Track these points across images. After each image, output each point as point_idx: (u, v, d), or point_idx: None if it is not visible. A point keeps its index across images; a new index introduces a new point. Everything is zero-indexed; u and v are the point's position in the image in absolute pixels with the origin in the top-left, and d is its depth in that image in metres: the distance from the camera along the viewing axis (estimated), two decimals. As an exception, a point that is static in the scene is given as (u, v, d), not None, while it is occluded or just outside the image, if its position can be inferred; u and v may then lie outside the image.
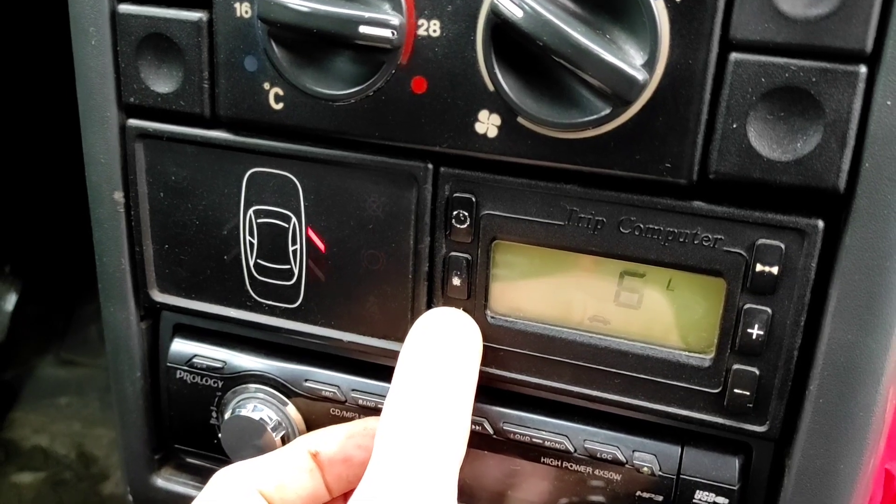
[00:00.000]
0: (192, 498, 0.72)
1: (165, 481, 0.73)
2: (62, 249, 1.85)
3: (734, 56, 0.47)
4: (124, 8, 0.59)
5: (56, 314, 1.94)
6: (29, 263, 1.90)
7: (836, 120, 0.46)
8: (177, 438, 0.70)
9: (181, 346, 0.67)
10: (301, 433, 0.64)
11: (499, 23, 0.48)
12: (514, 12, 0.47)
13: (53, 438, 1.93)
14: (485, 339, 0.58)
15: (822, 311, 0.50)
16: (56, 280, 1.94)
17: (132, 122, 0.61)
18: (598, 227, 0.53)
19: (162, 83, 0.59)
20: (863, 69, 0.45)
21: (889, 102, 0.45)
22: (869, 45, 0.44)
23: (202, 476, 0.73)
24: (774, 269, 0.50)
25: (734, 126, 0.47)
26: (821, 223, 0.49)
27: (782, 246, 0.49)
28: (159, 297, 0.66)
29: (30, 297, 1.87)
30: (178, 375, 0.67)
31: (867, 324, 0.49)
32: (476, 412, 0.60)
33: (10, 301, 1.81)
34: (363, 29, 0.51)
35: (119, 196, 0.64)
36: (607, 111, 0.48)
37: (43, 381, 1.96)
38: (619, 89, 0.47)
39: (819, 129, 0.46)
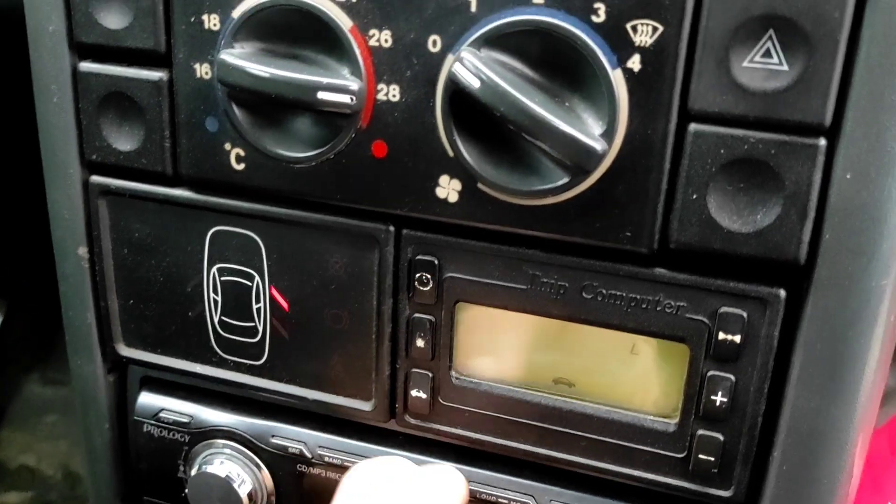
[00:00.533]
0: (161, 549, 0.72)
1: (136, 531, 0.73)
2: (46, 269, 1.84)
3: (693, 127, 0.46)
4: (85, 66, 0.58)
5: (42, 334, 1.93)
6: (13, 283, 1.90)
7: (796, 192, 0.45)
8: (145, 490, 0.70)
9: (148, 400, 0.67)
10: (268, 489, 0.64)
11: (457, 90, 0.47)
12: (472, 82, 0.46)
13: (40, 458, 1.92)
14: (450, 399, 0.57)
15: (785, 378, 0.50)
16: (41, 300, 1.93)
17: (95, 178, 0.61)
18: (561, 291, 0.52)
19: (124, 141, 0.59)
20: (822, 142, 0.44)
21: (848, 175, 0.44)
22: (828, 119, 0.44)
23: (172, 526, 0.72)
24: (737, 338, 0.49)
25: (694, 197, 0.47)
26: (783, 292, 0.48)
27: (744, 314, 0.49)
28: (125, 351, 0.65)
29: (15, 316, 1.87)
30: (145, 429, 0.67)
31: (830, 391, 0.49)
32: (443, 472, 0.59)
33: (-6, 324, 1.80)
34: (322, 95, 0.50)
35: (83, 251, 0.63)
36: (566, 180, 0.47)
37: (29, 401, 1.96)
38: (577, 159, 0.46)
39: (779, 201, 0.46)
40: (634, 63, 0.46)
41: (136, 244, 0.62)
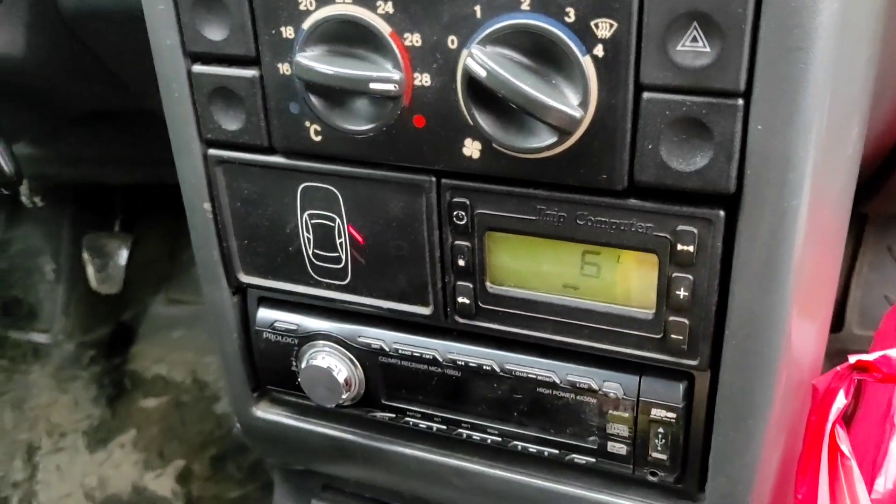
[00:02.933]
0: (283, 424, 0.95)
1: (263, 412, 0.95)
2: (160, 211, 2.10)
3: (645, 95, 0.61)
4: (196, 68, 0.76)
5: (161, 260, 2.21)
6: (134, 218, 2.16)
7: (723, 140, 0.61)
8: (268, 381, 0.91)
9: (264, 314, 0.88)
10: (359, 376, 0.84)
11: (471, 78, 0.64)
12: (479, 72, 0.63)
13: (171, 367, 2.22)
14: (487, 303, 0.76)
15: (729, 276, 0.66)
16: (159, 230, 2.20)
17: (212, 151, 0.80)
18: (561, 220, 0.69)
19: (230, 123, 0.77)
20: (740, 102, 0.59)
21: (760, 127, 0.59)
22: (742, 86, 0.59)
23: (290, 407, 0.95)
24: (691, 248, 0.66)
25: (650, 147, 0.63)
26: (721, 213, 0.64)
27: (695, 230, 0.65)
28: (245, 278, 0.86)
29: (140, 248, 2.14)
30: (264, 336, 0.88)
31: (763, 284, 0.65)
32: (485, 357, 0.79)
33: (123, 256, 2.08)
34: (373, 85, 0.67)
35: (207, 206, 0.83)
36: (555, 139, 0.63)
37: (157, 319, 2.25)
38: (561, 124, 0.62)
39: (711, 148, 0.61)
40: (599, 50, 0.61)
41: (246, 199, 0.81)
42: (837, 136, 0.62)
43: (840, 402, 0.75)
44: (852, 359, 0.76)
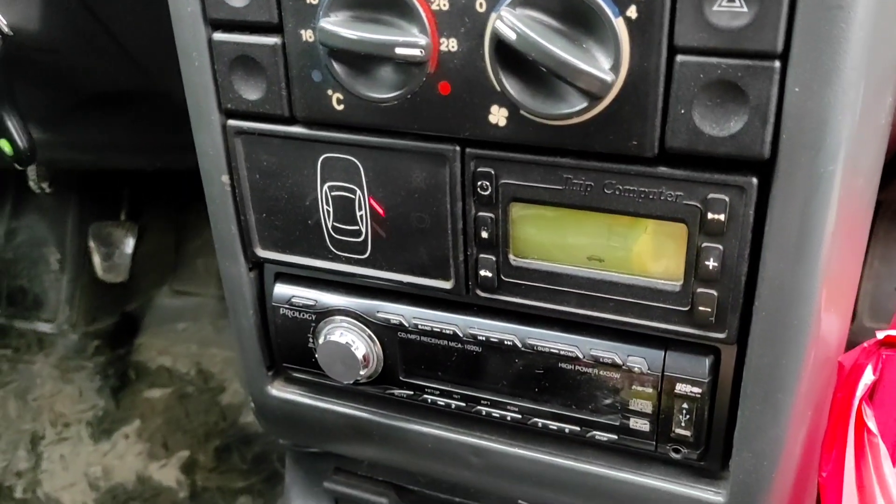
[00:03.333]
0: (299, 403, 0.93)
1: (278, 391, 0.94)
2: (166, 195, 2.09)
3: (679, 58, 0.60)
4: (217, 36, 0.75)
5: (167, 252, 2.20)
6: (140, 209, 2.15)
7: (759, 104, 0.60)
8: (284, 359, 0.90)
9: (282, 290, 0.87)
10: (377, 352, 0.83)
11: (500, 41, 0.63)
12: (509, 35, 0.62)
13: (175, 359, 2.21)
14: (510, 276, 0.75)
15: (760, 246, 0.65)
16: (164, 222, 2.19)
17: (231, 122, 0.79)
18: (588, 189, 0.68)
19: (251, 92, 0.76)
20: (777, 64, 0.58)
21: (797, 89, 0.58)
22: (779, 47, 0.58)
23: (306, 386, 0.94)
24: (722, 217, 0.65)
25: (682, 111, 0.62)
26: (755, 180, 0.63)
27: (727, 198, 0.64)
28: (262, 253, 0.85)
29: (143, 238, 2.13)
30: (281, 312, 0.87)
31: (795, 254, 0.64)
32: (507, 331, 0.78)
33: (129, 245, 2.07)
34: (398, 50, 0.66)
35: (225, 178, 0.82)
36: (585, 104, 0.62)
37: (162, 311, 2.25)
38: (592, 88, 0.61)
39: (746, 112, 0.60)
40: (632, 12, 0.60)
41: (265, 171, 0.80)
42: (873, 102, 0.61)
43: (868, 378, 0.74)
44: (880, 334, 0.75)
